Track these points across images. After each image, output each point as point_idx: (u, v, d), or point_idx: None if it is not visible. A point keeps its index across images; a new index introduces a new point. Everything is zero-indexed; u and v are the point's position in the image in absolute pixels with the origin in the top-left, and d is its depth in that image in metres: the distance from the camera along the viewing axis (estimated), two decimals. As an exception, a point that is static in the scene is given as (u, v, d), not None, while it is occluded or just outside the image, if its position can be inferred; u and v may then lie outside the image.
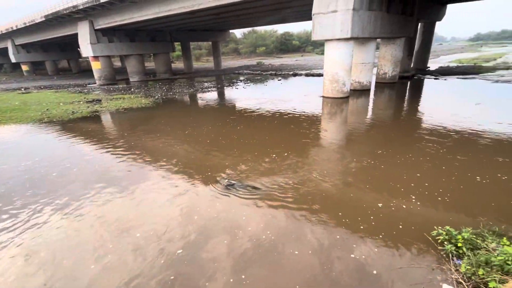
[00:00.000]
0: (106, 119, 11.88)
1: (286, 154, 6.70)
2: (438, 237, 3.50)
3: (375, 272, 3.12)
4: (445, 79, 17.71)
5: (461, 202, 4.41)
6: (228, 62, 49.86)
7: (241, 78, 25.72)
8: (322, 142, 7.80)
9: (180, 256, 3.48)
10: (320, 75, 22.72)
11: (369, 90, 15.52)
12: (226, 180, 5.45)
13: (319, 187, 5.08)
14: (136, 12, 20.58)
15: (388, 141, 7.63)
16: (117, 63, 53.93)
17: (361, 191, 4.87)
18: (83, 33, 24.34)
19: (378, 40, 16.87)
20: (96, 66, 25.56)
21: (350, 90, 14.23)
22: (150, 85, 23.69)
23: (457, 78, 17.89)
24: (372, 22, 13.08)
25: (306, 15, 23.61)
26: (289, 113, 10.94)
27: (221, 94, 17.26)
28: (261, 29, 65.03)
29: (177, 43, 37.02)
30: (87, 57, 28.70)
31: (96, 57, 25.05)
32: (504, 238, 3.31)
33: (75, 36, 26.37)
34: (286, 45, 64.13)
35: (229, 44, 63.12)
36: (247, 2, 15.93)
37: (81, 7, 21.20)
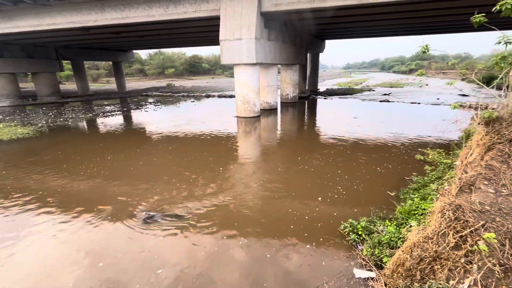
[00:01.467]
0: (-42, 157, 8.77)
1: (211, 173, 6.62)
2: (345, 230, 4.16)
3: (307, 273, 3.41)
4: (332, 99, 21.78)
5: (369, 192, 5.51)
6: (134, 84, 46.06)
7: (150, 100, 24.17)
8: (246, 157, 8.14)
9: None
10: (232, 96, 23.91)
11: (276, 109, 17.36)
12: (144, 213, 4.90)
13: (256, 197, 5.22)
14: (3, 22, 16.64)
15: (304, 149, 8.79)
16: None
17: (302, 191, 5.36)
18: None
19: (279, 66, 19.34)
20: None
21: (260, 109, 15.55)
22: (29, 110, 19.16)
23: (339, 97, 22.31)
24: (272, 50, 14.98)
25: (213, 40, 24.77)
26: (207, 134, 10.94)
27: (128, 118, 15.65)
28: (168, 50, 63.69)
29: (66, 61, 31.78)
30: None
31: None
32: (387, 220, 4.25)
33: None
34: (196, 67, 64.81)
35: (133, 64, 58.68)
36: (149, 24, 15.46)
37: None
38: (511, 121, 3.51)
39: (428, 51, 4.53)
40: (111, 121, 14.54)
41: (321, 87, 31.53)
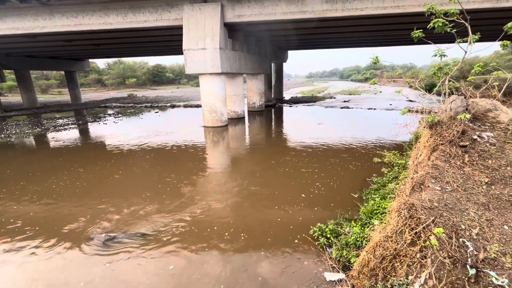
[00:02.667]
0: None
1: (183, 185, 6.35)
2: (314, 234, 4.26)
3: (280, 282, 3.38)
4: (297, 106, 22.60)
5: (334, 195, 5.75)
6: (91, 95, 42.99)
7: (110, 111, 22.70)
8: (221, 166, 8.01)
9: None
10: (199, 106, 23.51)
11: (244, 118, 17.47)
12: (104, 235, 4.50)
13: (228, 206, 5.08)
14: None
15: (276, 155, 8.99)
16: None
17: (287, 191, 5.63)
18: None
19: (245, 75, 19.60)
20: None
21: (228, 119, 15.51)
22: (-39, 127, 16.70)
23: (304, 105, 23.23)
24: (237, 60, 15.15)
25: (177, 49, 24.30)
26: (174, 145, 10.54)
27: (85, 132, 14.47)
28: (129, 59, 60.78)
29: (9, 70, 28.55)
30: None
31: None
32: (353, 221, 4.44)
33: None
34: (159, 77, 62.68)
35: (89, 74, 54.80)
36: (106, 32, 14.68)
37: None
38: (450, 124, 3.96)
39: (378, 62, 4.97)
40: (65, 136, 13.30)
41: (286, 95, 32.57)
